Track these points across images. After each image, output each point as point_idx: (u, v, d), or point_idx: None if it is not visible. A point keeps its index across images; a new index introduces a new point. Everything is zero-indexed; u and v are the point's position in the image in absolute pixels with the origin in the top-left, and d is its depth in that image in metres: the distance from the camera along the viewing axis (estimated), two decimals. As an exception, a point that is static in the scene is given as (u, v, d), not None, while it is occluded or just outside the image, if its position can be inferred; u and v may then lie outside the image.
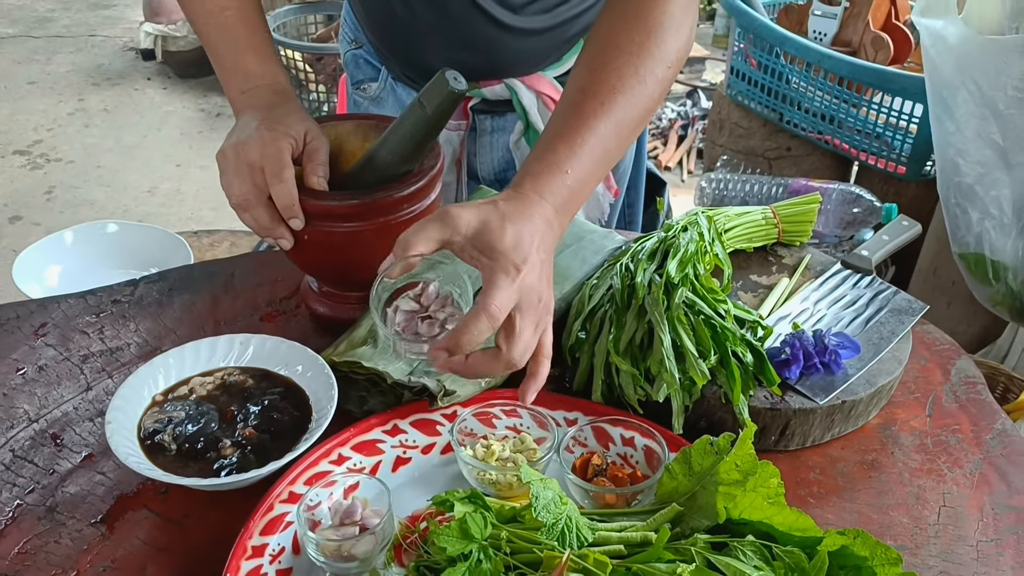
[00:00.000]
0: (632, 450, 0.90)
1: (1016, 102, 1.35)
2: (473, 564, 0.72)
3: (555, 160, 0.85)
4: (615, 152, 0.90)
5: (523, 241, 0.79)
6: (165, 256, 1.59)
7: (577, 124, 0.87)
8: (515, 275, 0.78)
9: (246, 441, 0.87)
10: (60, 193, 3.53)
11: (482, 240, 0.79)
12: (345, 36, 1.41)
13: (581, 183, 0.86)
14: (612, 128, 0.87)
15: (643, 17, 0.91)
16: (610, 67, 0.89)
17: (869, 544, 0.72)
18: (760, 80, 2.14)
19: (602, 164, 0.88)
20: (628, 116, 0.88)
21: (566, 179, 0.85)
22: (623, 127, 0.88)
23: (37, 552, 0.81)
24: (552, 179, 0.85)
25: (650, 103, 0.90)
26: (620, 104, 0.87)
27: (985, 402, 1.03)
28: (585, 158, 0.86)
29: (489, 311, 0.77)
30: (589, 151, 0.86)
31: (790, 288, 1.09)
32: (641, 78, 0.89)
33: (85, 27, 5.22)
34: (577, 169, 0.85)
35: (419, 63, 1.29)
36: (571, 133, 0.86)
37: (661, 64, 0.90)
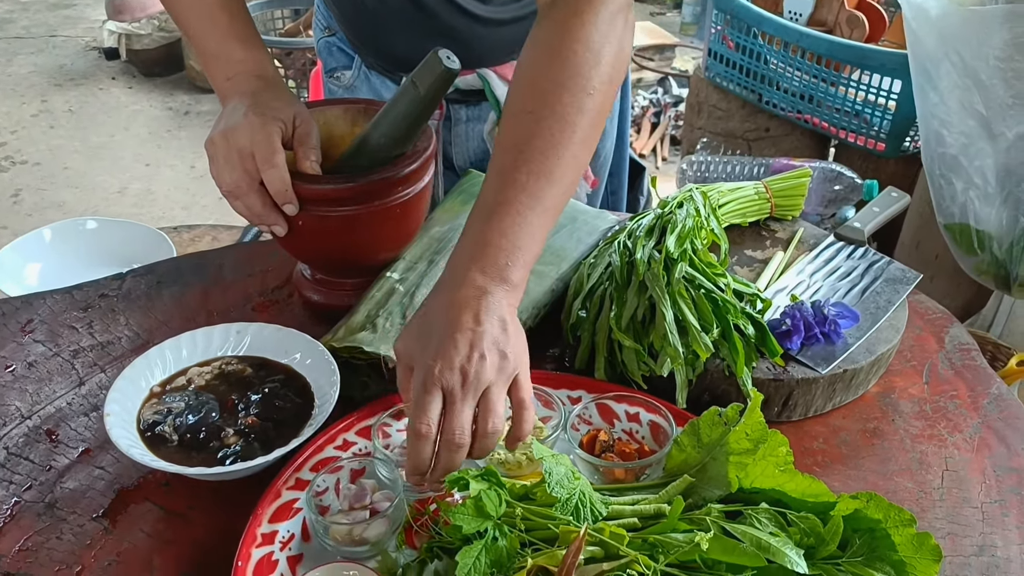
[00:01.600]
0: (637, 425, 0.90)
1: (998, 72, 1.36)
2: (488, 542, 0.71)
3: (483, 229, 0.82)
4: (555, 199, 0.85)
5: (444, 338, 0.77)
6: (146, 252, 1.56)
7: (505, 183, 0.83)
8: (433, 379, 0.75)
9: (249, 430, 0.86)
10: (27, 196, 3.46)
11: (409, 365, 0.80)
12: (318, 24, 1.40)
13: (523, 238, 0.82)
14: (544, 179, 0.83)
15: (560, 53, 0.87)
16: (532, 115, 0.85)
17: (882, 507, 0.72)
18: (738, 61, 2.15)
19: (537, 209, 0.83)
20: (559, 163, 0.84)
21: (498, 242, 0.81)
22: (556, 174, 0.84)
23: (39, 549, 0.79)
24: (482, 249, 0.81)
25: (581, 140, 0.86)
26: (547, 154, 0.84)
27: (980, 368, 1.04)
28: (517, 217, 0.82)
29: (414, 430, 0.75)
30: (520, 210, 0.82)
31: (785, 261, 1.10)
32: (567, 121, 0.85)
33: (45, 27, 5.12)
34: (511, 229, 0.81)
35: (390, 54, 1.28)
36: (500, 197, 0.83)
37: (583, 96, 0.86)
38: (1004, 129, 1.42)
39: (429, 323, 0.80)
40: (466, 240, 0.83)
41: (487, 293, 0.79)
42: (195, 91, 4.31)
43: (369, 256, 1.05)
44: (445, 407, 0.76)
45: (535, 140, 0.84)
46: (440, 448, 0.76)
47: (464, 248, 0.83)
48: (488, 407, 0.77)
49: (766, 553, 0.69)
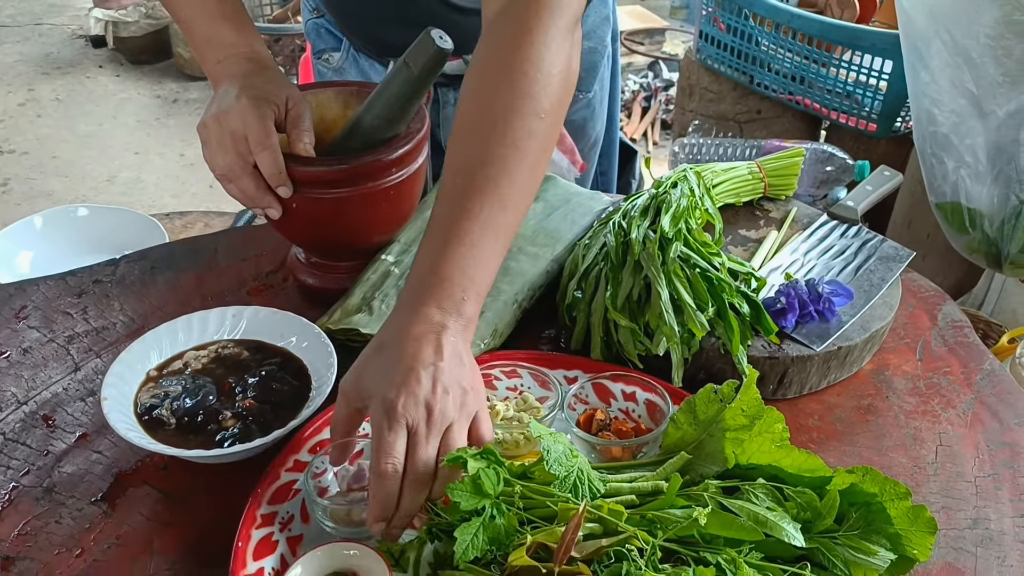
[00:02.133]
0: (634, 404, 0.90)
1: (989, 50, 1.37)
2: (487, 519, 0.71)
3: (436, 262, 0.79)
4: (508, 224, 0.83)
5: (392, 366, 0.74)
6: (139, 239, 1.56)
7: (456, 212, 0.80)
8: (387, 417, 0.72)
9: (247, 412, 0.86)
10: (15, 185, 3.44)
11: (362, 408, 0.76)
12: (306, 5, 1.39)
13: (476, 268, 0.80)
14: (496, 205, 0.81)
15: (510, 75, 0.84)
16: (481, 140, 0.83)
17: (878, 481, 0.73)
18: (729, 43, 2.15)
19: (490, 239, 0.81)
20: (511, 188, 0.82)
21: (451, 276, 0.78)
22: (508, 200, 0.82)
23: (38, 533, 0.79)
24: (435, 283, 0.78)
25: (532, 163, 0.84)
26: (498, 181, 0.81)
27: (972, 344, 1.05)
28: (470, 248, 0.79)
29: (379, 471, 0.71)
30: (473, 240, 0.79)
31: (779, 240, 1.10)
32: (511, 141, 0.82)
33: (30, 16, 5.07)
34: (464, 260, 0.79)
35: (375, 39, 1.27)
36: (452, 227, 0.80)
37: (533, 119, 0.83)
38: (995, 107, 1.42)
39: (384, 359, 0.76)
40: (420, 272, 0.80)
41: (445, 328, 0.77)
42: (183, 79, 4.28)
43: (364, 238, 1.05)
44: (409, 445, 0.73)
45: (486, 167, 0.81)
46: (404, 488, 0.73)
47: (419, 281, 0.80)
48: (451, 445, 0.74)
49: (763, 527, 0.70)
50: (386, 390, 0.73)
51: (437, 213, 0.82)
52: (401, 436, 0.72)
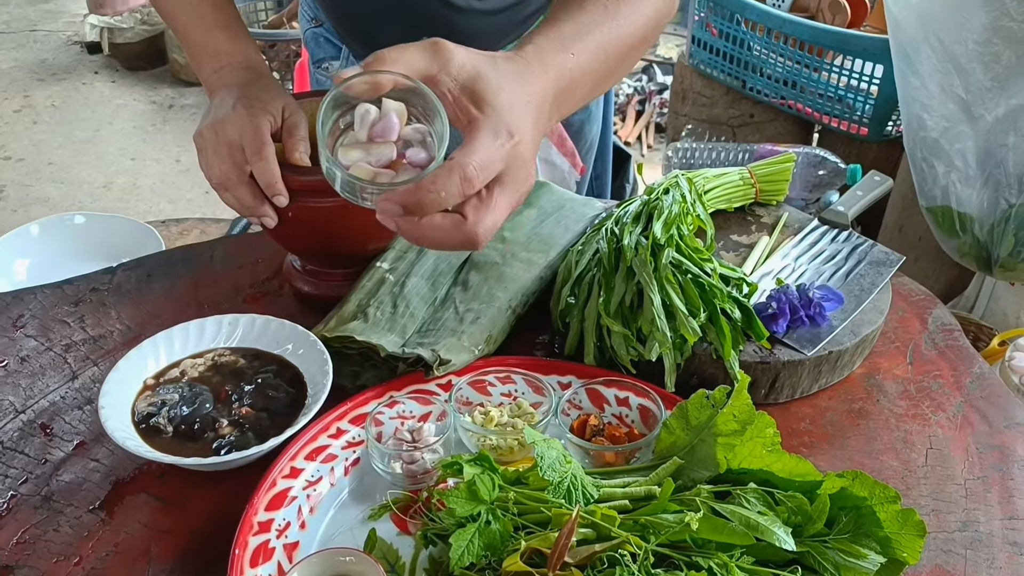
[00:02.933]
0: (627, 410, 0.91)
1: (977, 56, 1.38)
2: (482, 525, 0.72)
3: (560, 38, 0.80)
4: (615, 61, 0.85)
5: (519, 106, 0.71)
6: (135, 246, 1.56)
7: (582, 16, 0.82)
8: (506, 140, 0.68)
9: (243, 420, 0.87)
10: (12, 192, 3.45)
11: (475, 90, 0.70)
12: (305, 14, 1.40)
13: (583, 73, 0.80)
14: (615, 31, 0.84)
15: None
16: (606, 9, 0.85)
17: (867, 484, 0.73)
18: (722, 48, 2.16)
19: (604, 64, 0.83)
20: (629, 27, 0.85)
21: (569, 60, 0.79)
22: (624, 36, 0.85)
23: (36, 541, 0.80)
24: (557, 56, 0.78)
25: (647, 28, 0.88)
26: (623, 12, 0.85)
27: (962, 348, 1.06)
28: (590, 46, 0.81)
29: (466, 172, 0.66)
30: (594, 41, 0.81)
31: (771, 246, 1.11)
32: (625, 14, 0.86)
33: (25, 22, 5.08)
34: (581, 54, 0.80)
35: (377, 45, 1.28)
36: (575, 21, 0.82)
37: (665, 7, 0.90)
38: (984, 112, 1.44)
39: (515, 88, 0.71)
40: (541, 33, 0.80)
41: (547, 110, 0.76)
42: (179, 84, 4.29)
43: (359, 246, 1.05)
44: (490, 185, 0.69)
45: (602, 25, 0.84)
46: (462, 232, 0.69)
47: (542, 39, 0.79)
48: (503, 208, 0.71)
49: (755, 531, 0.70)
50: (511, 118, 0.69)
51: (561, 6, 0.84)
52: (501, 165, 0.69)
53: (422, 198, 0.67)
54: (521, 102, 0.71)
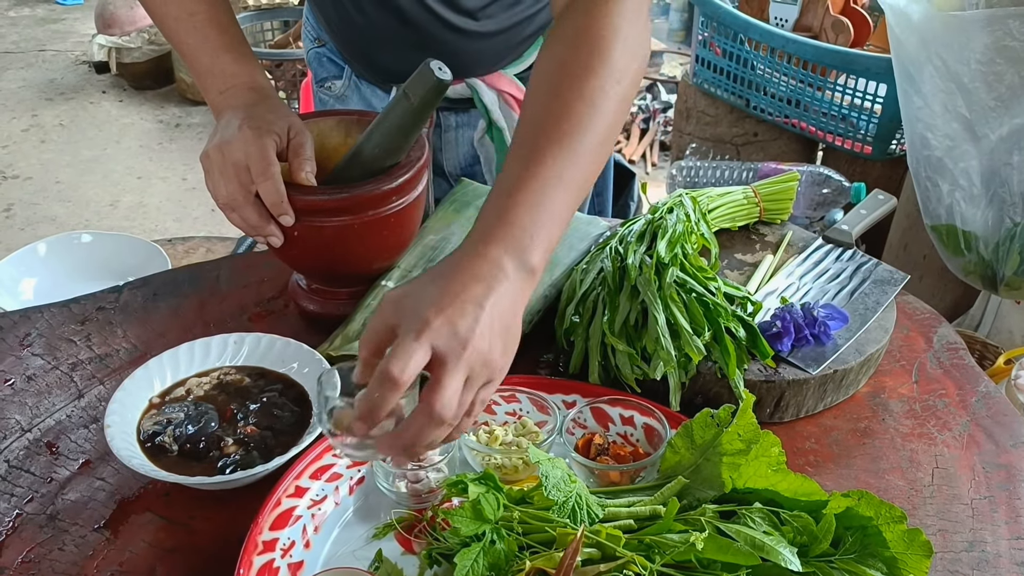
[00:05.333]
0: (632, 429, 0.91)
1: (980, 75, 1.39)
2: (487, 545, 0.72)
3: (505, 204, 0.77)
4: (579, 182, 0.81)
5: (440, 292, 0.70)
6: (141, 265, 1.57)
7: (528, 160, 0.79)
8: (427, 331, 0.68)
9: (248, 439, 0.87)
10: (19, 210, 3.46)
11: (406, 308, 0.70)
12: (308, 35, 1.41)
13: (546, 217, 0.77)
14: (568, 159, 0.80)
15: (586, 35, 0.85)
16: (558, 95, 0.83)
17: (873, 504, 0.73)
18: (725, 67, 2.17)
19: (560, 191, 0.79)
20: (584, 145, 0.81)
21: (519, 220, 0.76)
22: (580, 156, 0.80)
23: (42, 560, 0.80)
24: (502, 225, 0.75)
25: (606, 125, 0.83)
26: (572, 135, 0.80)
27: (968, 366, 1.06)
28: (542, 196, 0.77)
29: (385, 373, 0.67)
30: (544, 188, 0.78)
31: (775, 264, 1.11)
32: (591, 102, 0.82)
33: (34, 42, 5.12)
34: (534, 208, 0.76)
35: (379, 65, 1.29)
36: (524, 173, 0.78)
37: (610, 81, 0.83)
38: (987, 131, 1.44)
39: (435, 287, 0.71)
40: (487, 215, 0.77)
41: (505, 275, 0.73)
42: (186, 104, 4.32)
43: (364, 265, 1.06)
44: (432, 370, 0.69)
45: (562, 122, 0.81)
46: (417, 417, 0.68)
47: (485, 223, 0.76)
48: (473, 402, 0.71)
49: (760, 552, 0.70)
50: (424, 309, 0.69)
51: (508, 161, 0.81)
52: (422, 353, 0.68)
53: (372, 411, 0.69)
54: (455, 298, 0.70)
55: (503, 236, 0.75)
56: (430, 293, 0.71)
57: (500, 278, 0.73)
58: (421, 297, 0.71)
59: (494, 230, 0.75)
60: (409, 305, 0.71)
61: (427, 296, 0.70)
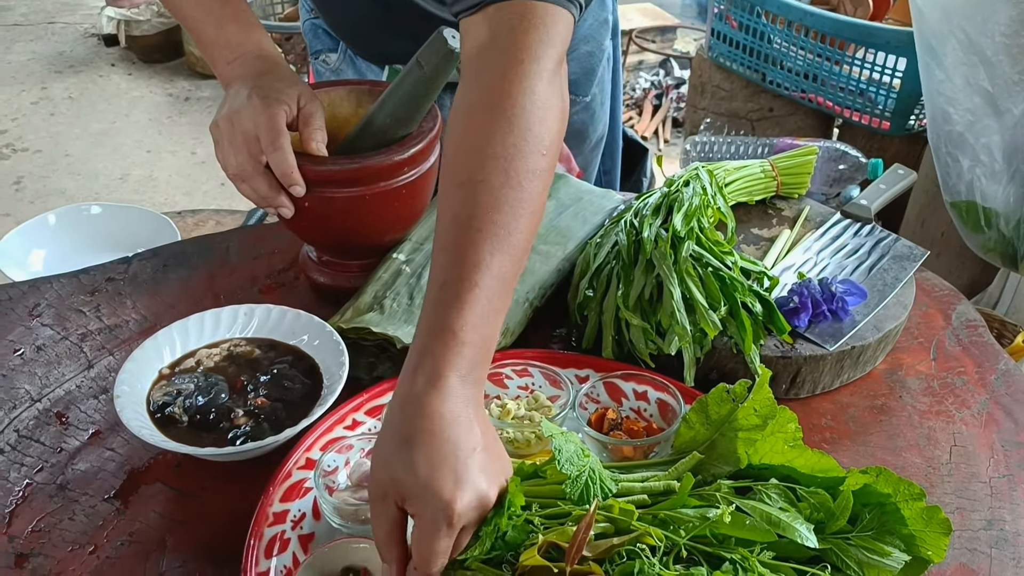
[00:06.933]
0: (645, 404, 0.90)
1: (1004, 48, 1.36)
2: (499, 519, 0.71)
3: (446, 327, 0.69)
4: (514, 271, 0.74)
5: (436, 462, 0.65)
6: (151, 237, 1.56)
7: (461, 270, 0.71)
8: (454, 518, 0.64)
9: (258, 410, 0.86)
10: (29, 183, 3.46)
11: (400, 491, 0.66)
12: (304, 5, 1.39)
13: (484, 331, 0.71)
14: (501, 252, 0.72)
15: (506, 112, 0.75)
16: (487, 186, 0.74)
17: (891, 481, 0.72)
18: (741, 41, 2.14)
19: (502, 292, 0.73)
20: (515, 230, 0.73)
21: (461, 341, 0.69)
22: (513, 244, 0.73)
23: (52, 530, 0.80)
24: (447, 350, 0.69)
25: (535, 202, 0.76)
26: (501, 223, 0.73)
27: (987, 344, 1.04)
28: (480, 307, 0.71)
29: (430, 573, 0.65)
30: (484, 297, 0.71)
31: (792, 239, 1.10)
32: (516, 182, 0.74)
33: (43, 14, 5.10)
34: (474, 322, 0.70)
35: (370, 48, 1.27)
36: (457, 284, 0.71)
37: (535, 155, 0.76)
38: (1011, 106, 1.41)
39: (421, 450, 0.66)
40: (430, 330, 0.70)
41: (469, 401, 0.69)
42: (195, 77, 4.30)
43: (375, 237, 1.05)
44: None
45: (492, 212, 0.73)
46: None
47: (432, 341, 0.70)
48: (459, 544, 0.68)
49: (776, 528, 0.69)
50: (439, 489, 0.65)
51: (441, 263, 0.73)
52: (452, 539, 0.66)
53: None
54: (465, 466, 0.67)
55: (455, 360, 0.69)
56: (426, 464, 0.66)
57: (468, 406, 0.69)
58: (420, 472, 0.65)
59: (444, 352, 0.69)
60: (414, 485, 0.65)
61: (425, 469, 0.65)
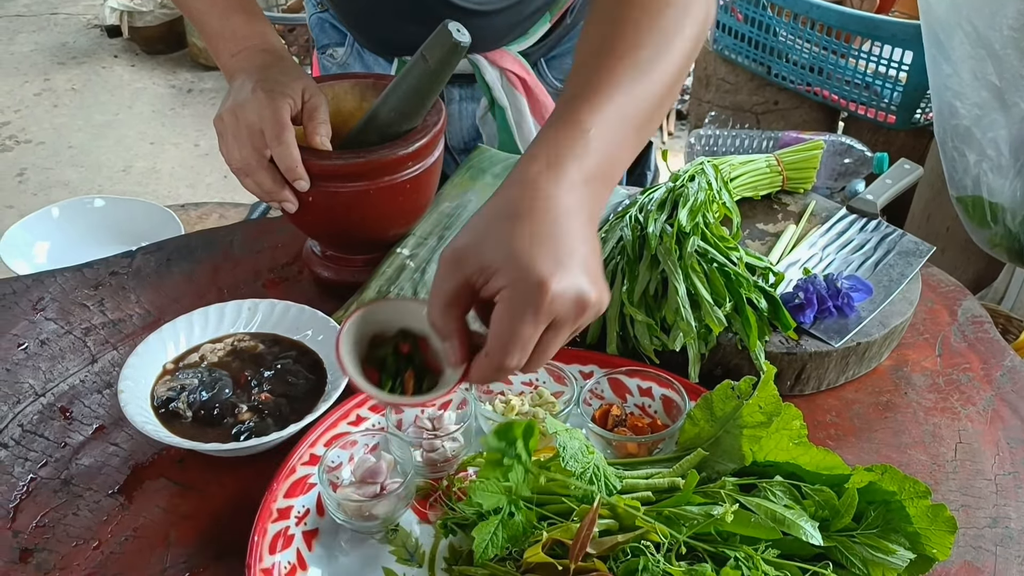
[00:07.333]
0: (650, 400, 0.90)
1: (1012, 42, 1.35)
2: (505, 517, 0.71)
3: (575, 119, 0.67)
4: (646, 116, 0.72)
5: (540, 238, 0.60)
6: (154, 230, 1.56)
7: (597, 81, 0.69)
8: (544, 304, 0.58)
9: (263, 406, 0.86)
10: (32, 175, 3.46)
11: (481, 259, 0.60)
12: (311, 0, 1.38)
13: (611, 145, 0.68)
14: (639, 84, 0.71)
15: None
16: (626, 21, 0.73)
17: (897, 479, 0.72)
18: (747, 33, 2.13)
19: (635, 121, 0.70)
20: (655, 72, 0.72)
21: (589, 139, 0.66)
22: (653, 82, 0.71)
23: (56, 525, 0.80)
24: (573, 141, 0.65)
25: (677, 67, 0.74)
26: (644, 59, 0.71)
27: (993, 340, 1.04)
28: (611, 116, 0.68)
29: (501, 365, 0.60)
30: (615, 108, 0.68)
31: (798, 234, 1.09)
32: (666, 35, 0.74)
33: (46, 5, 5.09)
34: (603, 128, 0.67)
35: (380, 37, 1.27)
36: (591, 90, 0.69)
37: (687, 20, 0.75)
38: (1018, 100, 1.41)
39: (525, 226, 0.59)
40: (558, 122, 0.67)
41: (589, 200, 0.63)
42: (198, 68, 4.29)
43: (379, 232, 1.04)
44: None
45: (638, 49, 0.71)
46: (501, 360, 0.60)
47: (559, 131, 0.66)
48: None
49: (781, 525, 0.69)
50: (536, 263, 0.58)
51: (575, 82, 0.70)
52: (539, 332, 0.60)
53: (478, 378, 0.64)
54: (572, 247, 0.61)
55: (580, 153, 0.65)
56: (527, 239, 0.59)
57: (588, 204, 0.64)
58: (516, 246, 0.59)
59: (569, 145, 0.65)
60: (503, 257, 0.59)
61: (525, 244, 0.59)
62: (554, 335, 0.62)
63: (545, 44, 1.27)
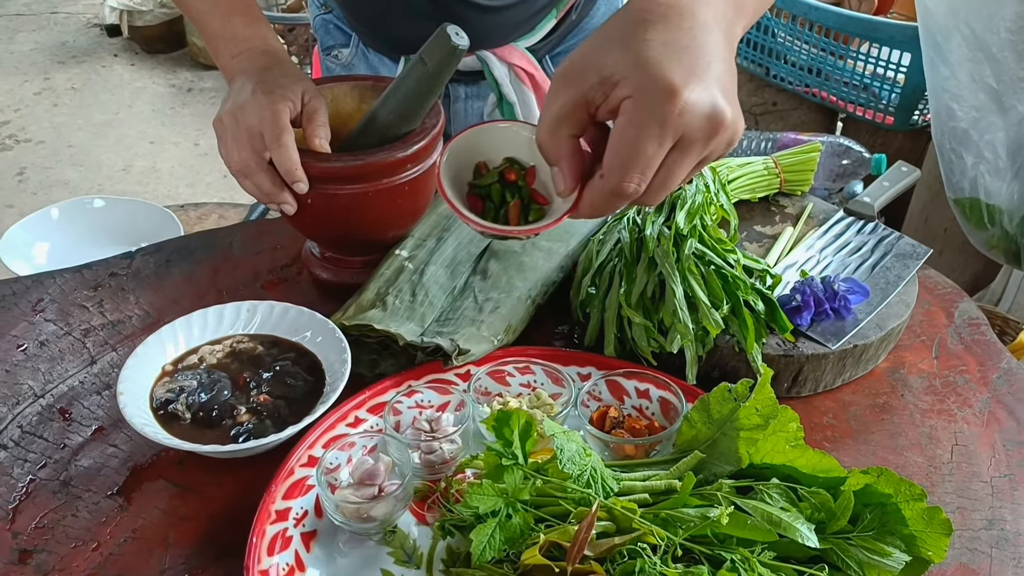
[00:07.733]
0: (647, 402, 0.90)
1: (1009, 45, 1.35)
2: (502, 519, 0.72)
3: None
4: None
5: (670, 45, 0.53)
6: (154, 231, 1.56)
7: None
8: (672, 118, 0.52)
9: (261, 407, 0.87)
10: (32, 174, 3.46)
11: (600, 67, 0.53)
12: (314, 1, 1.38)
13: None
14: None
15: None
16: None
17: (893, 481, 0.72)
18: (745, 35, 2.13)
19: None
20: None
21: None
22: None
23: (55, 526, 0.80)
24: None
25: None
26: None
27: (990, 342, 1.04)
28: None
29: (619, 190, 0.54)
30: None
31: (795, 237, 1.09)
32: None
33: (46, 4, 5.09)
34: None
35: (387, 36, 1.27)
36: None
37: None
38: (1016, 102, 1.41)
39: (652, 33, 0.53)
40: None
41: (727, 37, 0.57)
42: (198, 68, 4.29)
43: (378, 234, 1.05)
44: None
45: None
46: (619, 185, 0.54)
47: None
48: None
49: (777, 528, 0.70)
50: (667, 70, 0.51)
51: None
52: (665, 150, 0.54)
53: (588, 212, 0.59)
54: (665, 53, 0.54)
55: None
56: (655, 45, 0.52)
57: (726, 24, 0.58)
58: (644, 52, 0.52)
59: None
60: (627, 64, 0.53)
61: (653, 49, 0.52)
62: (680, 157, 0.56)
63: (550, 41, 1.28)
